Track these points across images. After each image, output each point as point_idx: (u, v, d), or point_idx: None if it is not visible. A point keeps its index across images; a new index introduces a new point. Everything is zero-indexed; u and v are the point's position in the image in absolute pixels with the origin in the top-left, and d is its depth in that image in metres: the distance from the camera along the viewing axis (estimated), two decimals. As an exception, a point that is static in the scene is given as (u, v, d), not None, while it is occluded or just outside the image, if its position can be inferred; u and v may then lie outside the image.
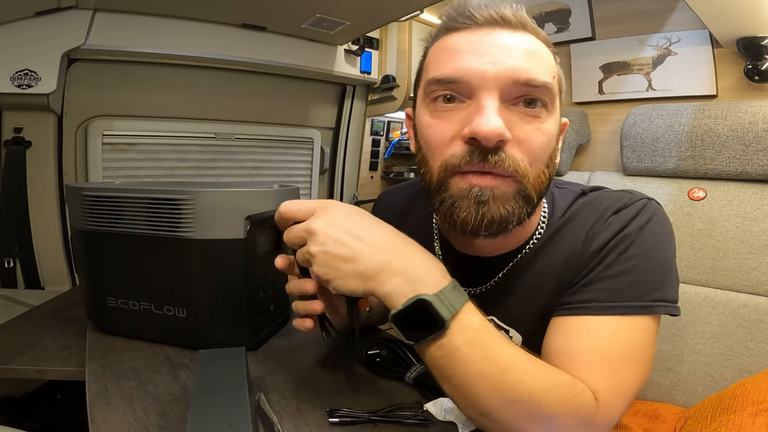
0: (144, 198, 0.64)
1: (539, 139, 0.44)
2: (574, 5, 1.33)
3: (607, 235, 0.48)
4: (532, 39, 0.46)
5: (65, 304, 0.94)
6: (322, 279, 0.42)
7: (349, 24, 1.54)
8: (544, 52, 0.47)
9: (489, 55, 0.43)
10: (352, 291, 0.41)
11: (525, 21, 0.46)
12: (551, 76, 0.45)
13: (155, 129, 1.71)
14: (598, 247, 0.48)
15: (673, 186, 0.99)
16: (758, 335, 0.82)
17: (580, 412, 0.39)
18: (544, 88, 0.44)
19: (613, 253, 0.47)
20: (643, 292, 0.45)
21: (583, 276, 0.47)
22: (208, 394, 0.44)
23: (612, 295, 0.44)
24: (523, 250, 0.53)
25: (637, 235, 0.47)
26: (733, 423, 0.53)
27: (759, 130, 0.87)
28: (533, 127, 0.44)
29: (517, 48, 0.44)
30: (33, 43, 1.24)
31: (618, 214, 0.49)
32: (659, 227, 0.49)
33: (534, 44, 0.46)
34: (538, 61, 0.45)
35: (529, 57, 0.44)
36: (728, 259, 0.88)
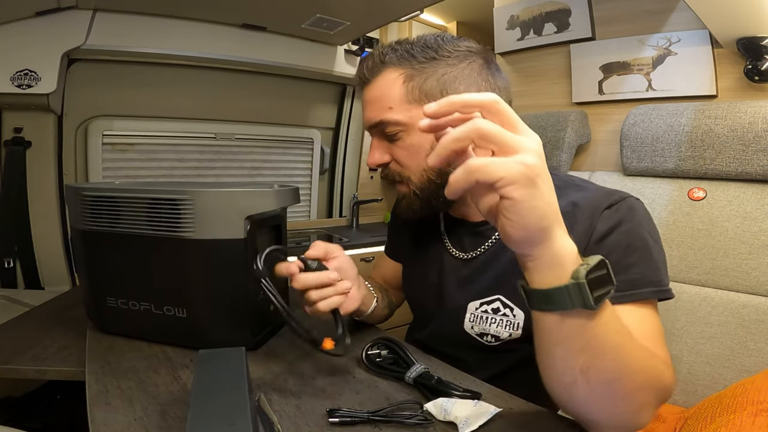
0: (144, 198, 0.64)
1: (404, 153, 0.61)
2: (574, 5, 1.33)
3: (615, 229, 0.54)
4: (380, 80, 0.60)
5: (65, 304, 0.94)
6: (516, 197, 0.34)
7: (349, 24, 1.54)
8: (390, 86, 0.59)
9: (363, 111, 0.64)
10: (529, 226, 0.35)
11: (372, 67, 0.60)
12: (390, 107, 0.59)
13: (155, 129, 1.71)
14: (604, 237, 0.54)
15: (673, 186, 0.99)
16: (758, 335, 0.82)
17: (659, 368, 0.44)
18: (383, 123, 0.60)
19: (621, 246, 0.53)
20: (654, 279, 0.52)
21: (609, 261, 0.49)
22: (208, 394, 0.44)
23: (631, 284, 0.51)
24: None
25: (639, 230, 0.54)
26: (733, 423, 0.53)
27: (759, 130, 0.87)
28: (398, 147, 0.61)
29: (367, 101, 0.62)
30: (33, 43, 1.24)
31: (613, 209, 0.55)
32: (651, 221, 0.57)
33: (380, 85, 0.60)
34: (378, 103, 0.60)
35: (374, 101, 0.61)
36: (728, 259, 0.88)
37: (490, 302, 0.63)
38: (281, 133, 2.02)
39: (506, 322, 0.61)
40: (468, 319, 0.64)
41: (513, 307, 0.61)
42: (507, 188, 0.33)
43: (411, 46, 0.59)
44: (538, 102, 1.49)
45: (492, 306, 0.63)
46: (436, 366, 0.63)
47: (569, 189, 0.60)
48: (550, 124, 1.25)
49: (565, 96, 1.40)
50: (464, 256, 0.67)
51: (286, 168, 2.09)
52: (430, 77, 0.58)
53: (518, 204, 0.34)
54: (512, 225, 0.35)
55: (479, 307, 0.63)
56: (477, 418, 0.48)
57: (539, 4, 1.41)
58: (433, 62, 0.59)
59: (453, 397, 0.52)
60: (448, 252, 0.69)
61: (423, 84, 0.58)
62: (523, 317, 0.60)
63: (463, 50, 0.60)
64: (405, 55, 0.59)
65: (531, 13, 1.44)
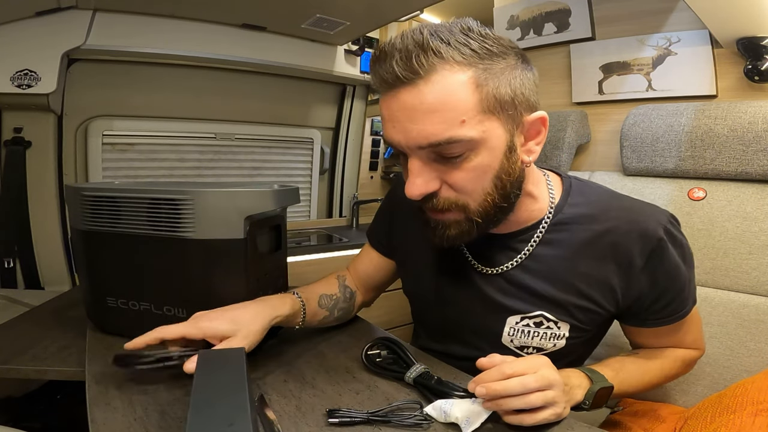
0: (144, 198, 0.64)
1: (466, 178, 0.50)
2: (574, 5, 1.33)
3: (663, 260, 0.57)
4: (436, 83, 0.46)
5: (65, 304, 0.94)
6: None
7: (349, 24, 1.54)
8: (456, 91, 0.46)
9: (399, 122, 0.48)
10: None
11: (423, 64, 0.45)
12: (462, 120, 0.46)
13: (155, 129, 1.71)
14: (652, 267, 0.57)
15: (673, 186, 0.99)
16: (758, 335, 0.82)
17: (688, 360, 0.67)
18: (449, 142, 0.47)
19: (674, 277, 0.58)
20: (693, 292, 0.62)
21: (647, 294, 0.58)
22: (208, 394, 0.44)
23: (683, 302, 0.60)
24: (537, 230, 0.60)
25: (683, 253, 0.58)
26: (733, 423, 0.53)
27: (759, 130, 0.87)
28: (460, 169, 0.49)
29: (417, 109, 0.46)
30: (33, 43, 1.24)
31: (666, 242, 0.56)
32: (686, 240, 0.59)
33: (439, 90, 0.46)
34: (443, 115, 0.46)
35: (432, 114, 0.46)
36: (728, 259, 0.88)
37: (534, 317, 0.60)
38: (281, 133, 2.02)
39: (550, 335, 0.60)
40: (507, 333, 0.62)
41: (557, 321, 0.59)
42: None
43: (466, 37, 0.47)
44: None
45: (534, 320, 0.60)
46: (436, 366, 0.63)
47: (602, 201, 0.61)
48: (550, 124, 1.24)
49: (565, 96, 1.40)
50: (494, 270, 0.62)
51: (286, 168, 2.09)
52: (501, 81, 0.48)
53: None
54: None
55: (520, 321, 0.61)
56: (477, 416, 0.48)
57: (539, 4, 1.41)
58: (494, 59, 0.48)
59: (453, 397, 0.51)
60: (470, 265, 0.64)
61: (497, 90, 0.47)
62: (568, 328, 0.60)
63: (506, 43, 0.50)
64: (461, 47, 0.46)
65: (531, 13, 1.44)
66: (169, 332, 0.53)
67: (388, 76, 0.47)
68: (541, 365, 0.49)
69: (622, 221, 0.56)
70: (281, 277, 0.78)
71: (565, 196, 0.61)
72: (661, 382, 0.66)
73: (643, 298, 0.58)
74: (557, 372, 0.50)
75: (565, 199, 0.60)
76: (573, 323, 0.59)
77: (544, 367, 0.49)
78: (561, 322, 0.59)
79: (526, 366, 0.48)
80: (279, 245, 0.77)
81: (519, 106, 0.50)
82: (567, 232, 0.59)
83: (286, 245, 0.79)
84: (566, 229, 0.59)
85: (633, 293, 0.58)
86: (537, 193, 0.59)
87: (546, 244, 0.59)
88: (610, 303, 0.58)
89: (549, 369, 0.50)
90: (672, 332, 0.63)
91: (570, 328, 0.60)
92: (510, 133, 0.50)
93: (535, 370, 0.48)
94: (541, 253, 0.59)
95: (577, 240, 0.58)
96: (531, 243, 0.60)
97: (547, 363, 0.50)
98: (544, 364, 0.50)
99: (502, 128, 0.49)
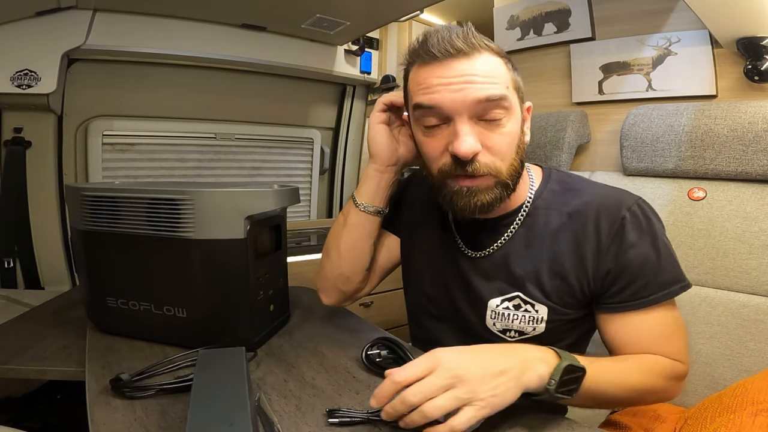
0: (144, 198, 0.64)
1: (504, 141, 0.57)
2: (574, 5, 1.33)
3: (625, 238, 0.58)
4: (485, 58, 0.55)
5: (65, 304, 0.94)
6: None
7: (349, 24, 1.54)
8: (498, 67, 0.56)
9: (454, 86, 0.54)
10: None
11: (475, 43, 0.55)
12: (505, 87, 0.56)
13: (155, 129, 1.71)
14: (616, 246, 0.58)
15: (673, 186, 0.99)
16: (758, 335, 0.82)
17: (669, 372, 0.59)
18: (502, 99, 0.55)
19: (635, 259, 0.58)
20: (670, 279, 0.59)
21: (613, 275, 0.59)
22: (208, 394, 0.44)
23: (652, 289, 0.58)
24: (518, 215, 0.64)
25: (652, 239, 0.59)
26: (733, 423, 0.53)
27: (759, 130, 0.87)
28: (497, 133, 0.56)
29: (473, 73, 0.54)
30: (33, 43, 1.24)
31: (628, 220, 0.59)
32: (659, 224, 0.61)
33: (487, 63, 0.55)
34: (494, 77, 0.55)
35: (485, 77, 0.54)
36: (728, 259, 0.87)
37: (511, 299, 0.63)
38: (281, 133, 2.02)
39: (529, 318, 0.62)
40: (489, 317, 0.65)
41: (534, 303, 0.62)
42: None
43: (488, 41, 0.57)
44: (538, 102, 1.48)
45: (513, 303, 0.63)
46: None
47: (577, 187, 0.65)
48: (550, 124, 1.25)
49: (565, 96, 1.40)
50: (479, 254, 0.66)
51: (286, 168, 2.09)
52: (514, 70, 0.59)
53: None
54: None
55: (500, 304, 0.64)
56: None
57: (539, 4, 1.41)
58: (508, 57, 0.59)
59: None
60: (460, 250, 0.68)
61: (515, 75, 0.59)
62: (546, 311, 0.62)
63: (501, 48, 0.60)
64: (492, 44, 0.57)
65: (531, 13, 1.44)
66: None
67: (446, 48, 0.54)
68: (439, 357, 0.45)
69: (592, 205, 0.61)
70: (281, 277, 0.78)
71: (544, 184, 0.66)
72: (640, 390, 0.57)
73: (609, 277, 0.59)
74: (475, 354, 0.47)
75: (544, 186, 0.66)
76: (550, 305, 0.61)
77: (443, 359, 0.45)
78: (538, 304, 0.62)
79: (421, 367, 0.44)
80: (279, 245, 0.77)
81: (522, 94, 0.60)
82: (543, 216, 0.64)
83: (286, 245, 0.79)
84: (543, 213, 0.64)
85: (601, 272, 0.59)
86: (519, 182, 0.64)
87: (525, 227, 0.64)
88: (583, 283, 0.60)
89: (450, 356, 0.45)
90: (647, 331, 0.59)
91: (548, 311, 0.62)
92: (521, 110, 0.60)
93: (431, 366, 0.44)
94: (520, 236, 0.64)
95: (552, 223, 0.63)
96: (512, 227, 0.64)
97: (446, 351, 0.46)
98: (443, 353, 0.46)
99: (519, 104, 0.59)
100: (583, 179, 0.67)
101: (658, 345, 0.59)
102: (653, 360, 0.59)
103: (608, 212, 0.59)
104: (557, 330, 0.63)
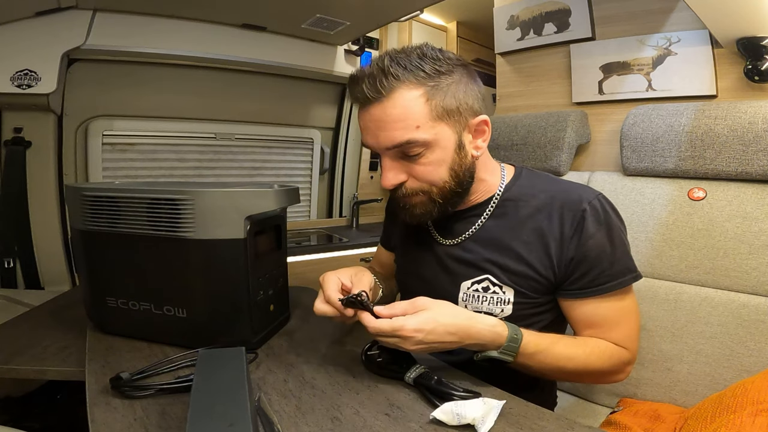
0: (144, 198, 0.64)
1: (427, 170, 0.63)
2: (574, 5, 1.33)
3: (585, 228, 0.63)
4: (396, 99, 0.58)
5: (65, 304, 0.94)
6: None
7: (349, 24, 1.54)
8: (411, 104, 0.59)
9: (371, 131, 0.62)
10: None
11: (386, 85, 0.58)
12: (416, 126, 0.59)
13: (155, 129, 1.71)
14: (578, 236, 0.63)
15: (673, 186, 0.99)
16: (758, 335, 0.82)
17: (615, 358, 0.65)
18: (408, 143, 0.60)
19: (593, 248, 0.63)
20: (623, 269, 0.64)
21: (574, 263, 0.64)
22: (208, 393, 0.44)
23: (606, 278, 0.63)
24: (488, 206, 0.70)
25: (608, 231, 0.64)
26: (733, 423, 0.53)
27: (759, 130, 0.87)
28: (419, 164, 0.62)
29: (383, 119, 0.60)
30: (33, 43, 1.24)
31: (588, 213, 0.64)
32: (618, 219, 0.66)
33: (399, 104, 0.59)
34: (404, 120, 0.59)
35: (395, 121, 0.59)
36: (728, 259, 0.87)
37: (480, 281, 0.68)
38: (281, 133, 2.02)
39: (497, 299, 0.67)
40: (461, 299, 0.69)
41: (501, 285, 0.67)
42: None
43: (419, 60, 0.59)
44: (538, 102, 1.48)
45: (482, 285, 0.68)
46: (435, 366, 0.63)
47: (543, 184, 0.71)
48: (550, 124, 1.25)
49: (565, 96, 1.40)
50: (452, 242, 0.72)
51: (286, 168, 2.09)
52: (447, 94, 0.60)
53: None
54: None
55: (471, 287, 0.69)
56: (488, 414, 0.48)
57: (539, 4, 1.41)
58: (441, 77, 0.60)
59: (455, 398, 0.51)
60: (434, 239, 0.74)
61: (443, 102, 0.60)
62: (512, 294, 0.66)
63: (455, 61, 0.62)
64: (415, 70, 0.59)
65: (531, 13, 1.44)
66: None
67: (360, 96, 0.60)
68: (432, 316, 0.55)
69: (557, 199, 0.66)
70: (281, 277, 0.78)
71: (514, 180, 0.72)
72: (580, 365, 0.62)
73: (572, 264, 0.64)
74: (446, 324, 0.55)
75: (513, 181, 0.71)
76: (516, 288, 0.66)
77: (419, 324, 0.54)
78: (505, 287, 0.66)
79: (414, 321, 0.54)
80: (279, 245, 0.77)
81: (464, 113, 0.62)
82: (512, 208, 0.69)
83: (286, 245, 0.79)
84: (512, 205, 0.69)
85: (565, 260, 0.64)
86: (489, 179, 0.71)
87: (495, 217, 0.70)
88: (547, 270, 0.65)
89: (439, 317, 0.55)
90: (599, 317, 0.65)
91: (514, 294, 0.66)
92: (458, 134, 0.63)
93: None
94: (490, 225, 0.69)
95: (520, 214, 0.68)
96: (483, 217, 0.70)
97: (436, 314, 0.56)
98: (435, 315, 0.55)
99: (451, 131, 0.62)
100: (550, 177, 0.73)
101: (606, 330, 0.65)
102: (597, 342, 0.65)
103: (571, 205, 0.64)
104: (525, 315, 0.67)
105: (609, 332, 0.65)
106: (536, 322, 0.67)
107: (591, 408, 0.95)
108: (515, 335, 0.59)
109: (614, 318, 0.65)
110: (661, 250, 0.95)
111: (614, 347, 0.65)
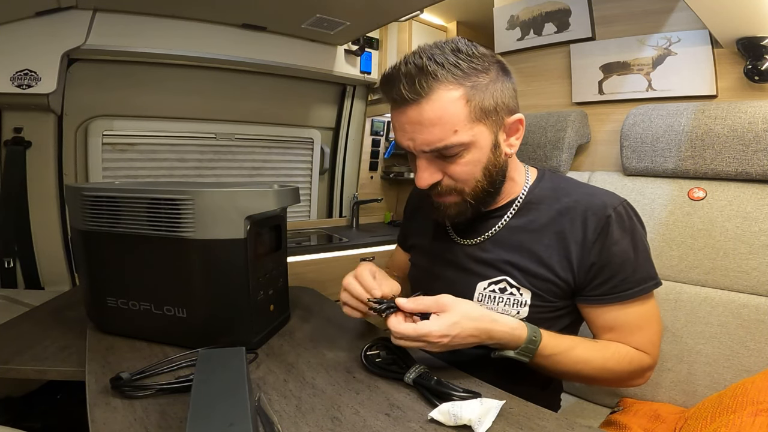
0: (144, 198, 0.64)
1: (463, 170, 0.62)
2: (574, 5, 1.33)
3: (609, 235, 0.63)
4: (435, 101, 0.57)
5: (65, 304, 0.94)
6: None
7: (349, 24, 1.54)
8: (451, 106, 0.57)
9: (407, 132, 0.60)
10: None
11: (425, 86, 0.56)
12: (454, 130, 0.58)
13: (155, 129, 1.71)
14: (601, 242, 0.63)
15: (673, 186, 0.99)
16: (758, 335, 0.82)
17: (636, 363, 0.64)
18: (446, 147, 0.59)
19: (617, 255, 0.63)
20: (645, 276, 0.64)
21: (596, 268, 0.63)
22: (208, 393, 0.44)
23: (629, 284, 0.63)
24: (510, 208, 0.70)
25: (632, 238, 0.64)
26: (733, 423, 0.53)
27: (759, 130, 0.87)
28: (455, 164, 0.61)
29: (420, 122, 0.58)
30: (33, 43, 1.24)
31: (613, 219, 0.63)
32: (640, 226, 0.66)
33: (438, 106, 0.57)
34: (443, 123, 0.57)
35: (432, 127, 0.58)
36: (728, 259, 0.87)
37: (498, 282, 0.67)
38: (281, 133, 2.02)
39: (513, 301, 0.66)
40: (476, 299, 0.69)
41: (519, 287, 0.66)
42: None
43: (456, 58, 0.57)
44: (538, 102, 1.48)
45: (499, 286, 0.67)
46: (435, 366, 0.63)
47: (567, 187, 0.70)
48: (550, 124, 1.25)
49: (565, 96, 1.40)
50: (471, 242, 0.71)
51: (286, 168, 2.09)
52: (485, 95, 0.59)
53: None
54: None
55: (487, 287, 0.68)
56: (486, 415, 0.48)
57: (539, 4, 1.41)
58: (479, 75, 0.58)
59: (454, 398, 0.51)
60: (452, 239, 0.74)
61: (482, 103, 0.59)
62: (530, 296, 0.65)
63: (490, 58, 0.60)
64: (452, 69, 0.56)
65: (531, 13, 1.44)
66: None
67: (397, 97, 0.58)
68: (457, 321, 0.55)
69: (581, 203, 0.65)
70: (281, 277, 0.78)
71: (537, 182, 0.72)
72: (598, 368, 0.62)
73: (593, 270, 0.63)
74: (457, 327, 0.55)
75: (537, 184, 0.71)
76: (534, 291, 0.65)
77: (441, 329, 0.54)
78: (523, 289, 0.66)
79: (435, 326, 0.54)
80: (279, 245, 0.77)
81: (501, 112, 0.61)
82: (535, 210, 0.68)
83: (286, 245, 0.79)
84: (534, 207, 0.69)
85: (586, 265, 0.63)
86: (517, 179, 0.71)
87: (516, 219, 0.69)
88: (567, 273, 0.64)
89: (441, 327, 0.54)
90: (621, 323, 0.65)
91: (532, 296, 0.65)
92: (494, 133, 0.62)
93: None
94: (512, 227, 0.69)
95: (542, 217, 0.67)
96: (504, 218, 0.70)
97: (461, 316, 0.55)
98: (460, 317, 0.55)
99: (488, 131, 0.61)
100: (573, 181, 0.72)
101: (627, 335, 0.65)
102: (617, 346, 0.64)
103: (595, 210, 0.64)
104: (541, 318, 0.66)
105: (630, 337, 0.65)
106: (551, 326, 0.66)
107: (591, 408, 0.95)
108: (534, 337, 0.59)
109: (636, 323, 0.65)
110: (661, 250, 0.95)
111: (635, 352, 0.65)
